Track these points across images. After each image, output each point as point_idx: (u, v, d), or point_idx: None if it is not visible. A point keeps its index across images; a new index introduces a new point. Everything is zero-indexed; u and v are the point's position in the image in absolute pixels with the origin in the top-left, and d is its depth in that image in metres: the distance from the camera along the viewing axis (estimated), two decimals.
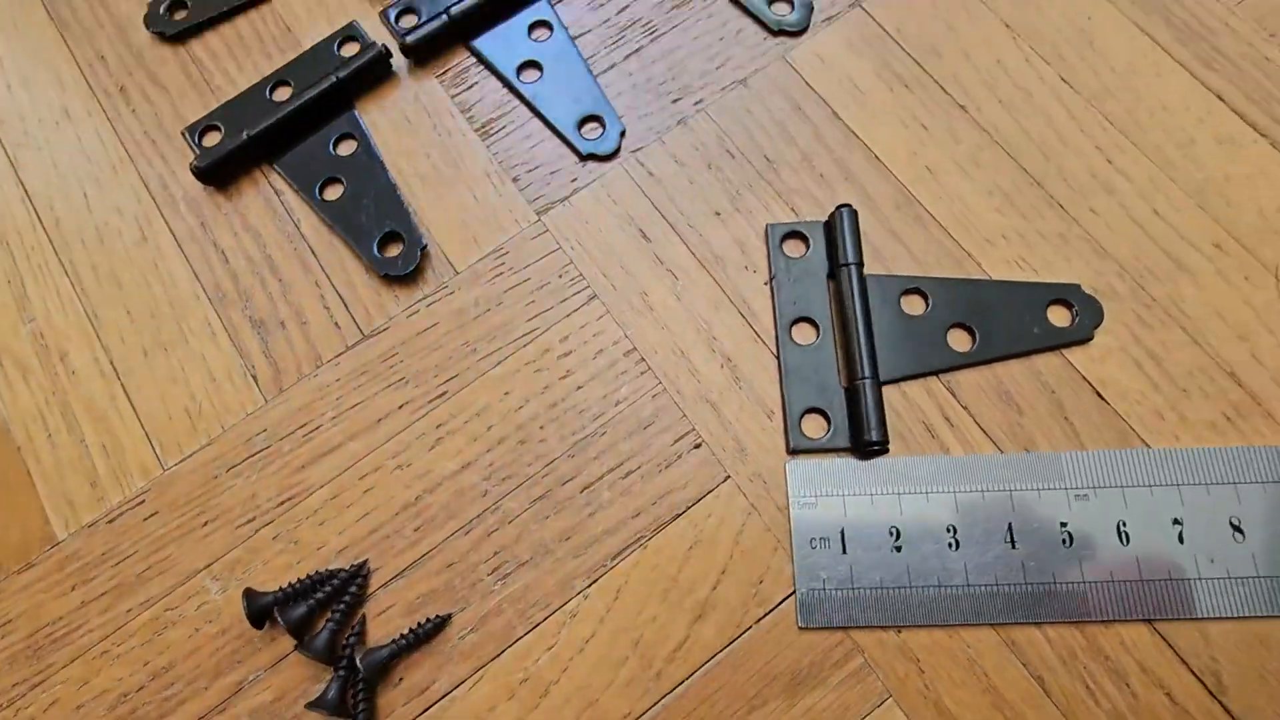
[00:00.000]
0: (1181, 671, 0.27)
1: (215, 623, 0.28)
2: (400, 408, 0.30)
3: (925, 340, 0.30)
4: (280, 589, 0.28)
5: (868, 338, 0.30)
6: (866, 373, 0.29)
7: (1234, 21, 0.35)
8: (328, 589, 0.28)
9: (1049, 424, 0.29)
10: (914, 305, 0.31)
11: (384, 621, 0.28)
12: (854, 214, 0.31)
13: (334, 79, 0.34)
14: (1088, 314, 0.30)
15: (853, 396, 0.29)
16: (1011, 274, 0.31)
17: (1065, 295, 0.31)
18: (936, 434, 0.29)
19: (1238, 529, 0.28)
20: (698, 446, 0.29)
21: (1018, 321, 0.30)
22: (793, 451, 0.29)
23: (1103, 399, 0.30)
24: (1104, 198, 0.32)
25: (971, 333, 0.30)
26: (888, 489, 0.29)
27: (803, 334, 0.31)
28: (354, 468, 0.30)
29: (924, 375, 0.30)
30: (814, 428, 0.29)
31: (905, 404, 0.30)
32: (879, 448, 0.29)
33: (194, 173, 0.33)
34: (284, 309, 0.32)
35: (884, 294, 0.31)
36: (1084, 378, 0.30)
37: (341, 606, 0.27)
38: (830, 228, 0.31)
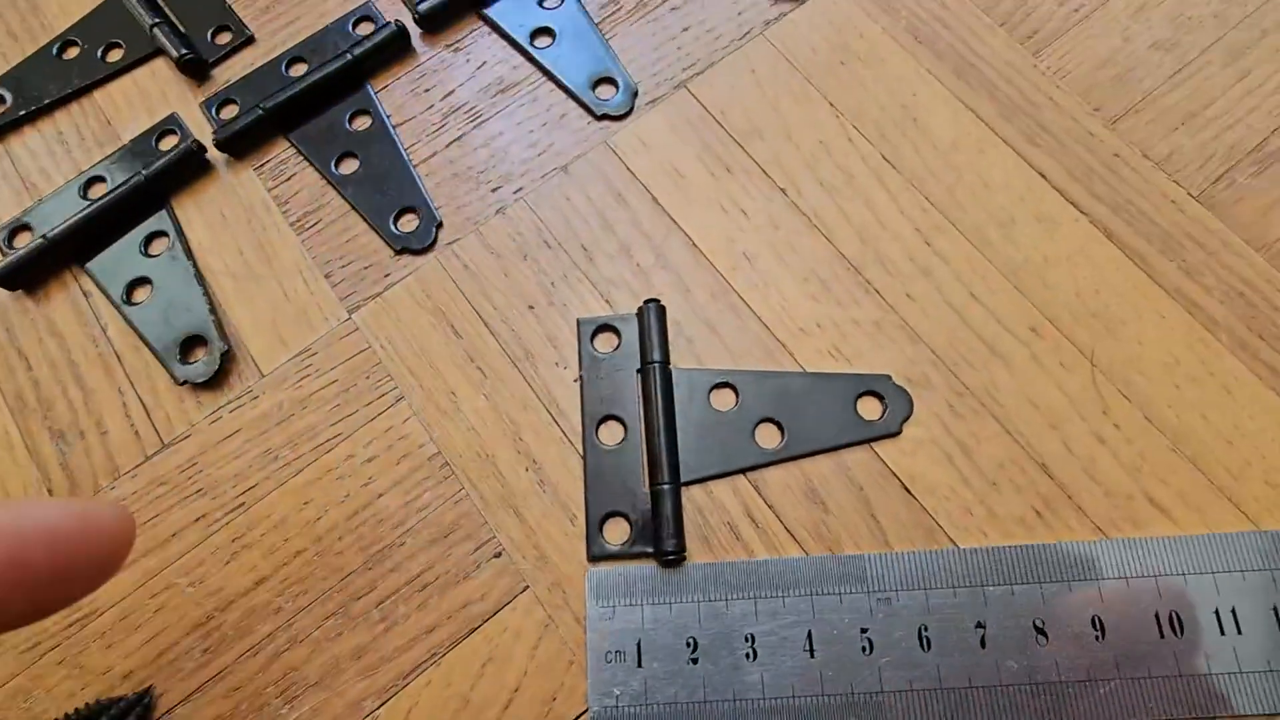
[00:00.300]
0: None
1: None
2: (196, 521, 0.30)
3: (733, 437, 0.30)
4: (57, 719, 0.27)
5: (669, 440, 0.29)
6: (667, 478, 0.29)
7: (1058, 96, 0.34)
8: (106, 719, 0.27)
9: (855, 523, 0.29)
10: (724, 400, 0.30)
11: None
12: (661, 310, 0.31)
13: (142, 176, 0.33)
14: (897, 406, 0.30)
15: (655, 501, 0.29)
16: (824, 364, 0.31)
17: (875, 387, 0.30)
18: (740, 535, 0.29)
19: (1041, 631, 0.27)
20: (498, 555, 0.29)
21: (827, 415, 0.30)
22: (593, 558, 0.29)
23: (911, 495, 0.29)
24: (921, 282, 0.32)
25: (781, 428, 0.30)
26: (687, 597, 0.28)
27: (610, 433, 0.30)
28: (145, 586, 0.29)
29: (730, 474, 0.29)
30: (615, 533, 0.29)
31: (710, 504, 0.29)
32: (676, 557, 0.28)
33: None
34: (85, 418, 0.31)
35: (693, 388, 0.30)
36: (893, 472, 0.29)
37: None
38: (640, 323, 0.31)
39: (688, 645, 0.27)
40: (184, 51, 0.35)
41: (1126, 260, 0.32)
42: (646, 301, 0.31)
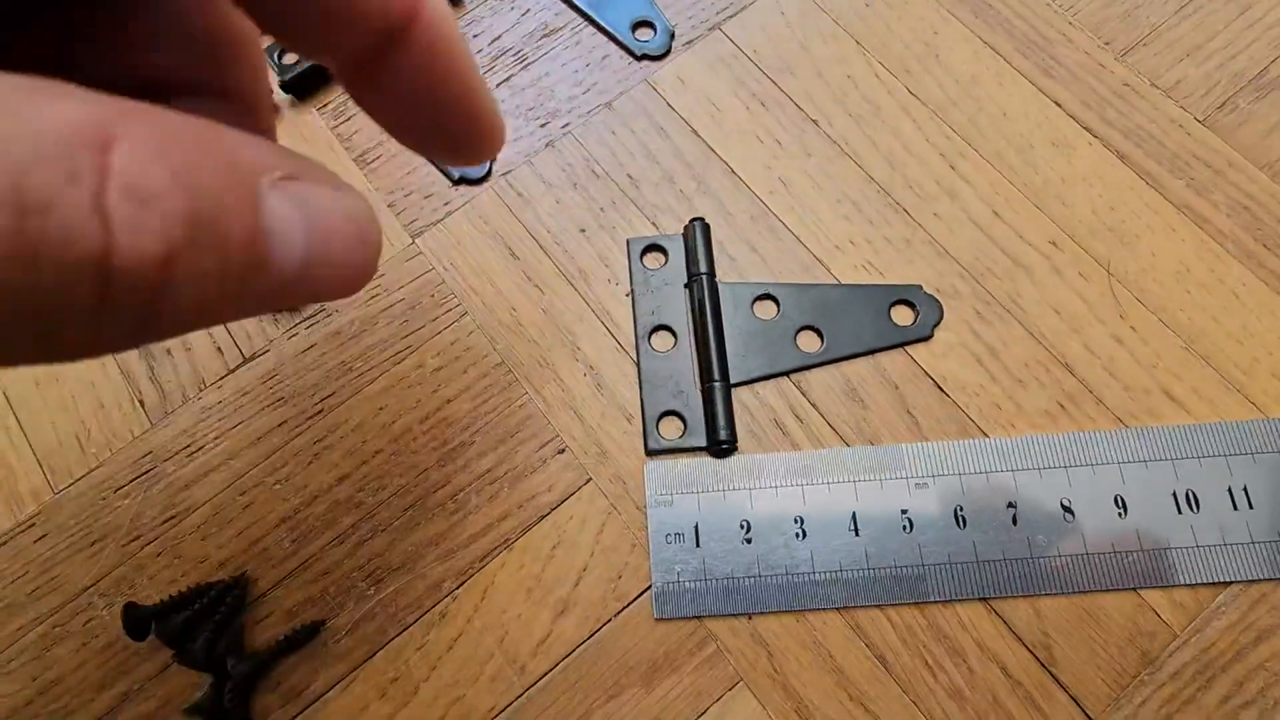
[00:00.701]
0: (1015, 646, 0.28)
1: (102, 637, 0.29)
2: (279, 426, 0.32)
3: (776, 343, 0.32)
4: (159, 602, 0.29)
5: (719, 344, 0.31)
6: (717, 376, 0.31)
7: (1070, 31, 0.37)
8: (206, 600, 0.29)
9: (892, 418, 0.31)
10: (766, 310, 0.32)
11: (264, 629, 0.29)
12: (706, 227, 0.33)
13: None
14: (929, 312, 0.32)
15: (706, 399, 0.31)
16: (858, 278, 0.33)
17: (908, 296, 0.32)
18: (787, 431, 0.31)
19: (1067, 510, 0.29)
20: (561, 452, 0.31)
21: (863, 322, 0.32)
22: (650, 453, 0.31)
23: (944, 392, 0.31)
24: (946, 202, 0.34)
25: (820, 334, 0.32)
26: (739, 485, 0.30)
27: (661, 341, 0.32)
28: (234, 485, 0.31)
29: (774, 376, 0.32)
30: (670, 430, 0.31)
31: (758, 403, 0.31)
32: (729, 446, 0.30)
33: None
34: None
35: (737, 301, 0.32)
36: (926, 372, 0.32)
37: (218, 616, 0.29)
38: (685, 240, 0.33)
39: (741, 527, 0.30)
40: None
41: (1138, 179, 0.34)
42: (692, 220, 0.33)
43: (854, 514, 0.30)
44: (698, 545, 0.29)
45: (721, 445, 0.30)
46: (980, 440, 0.31)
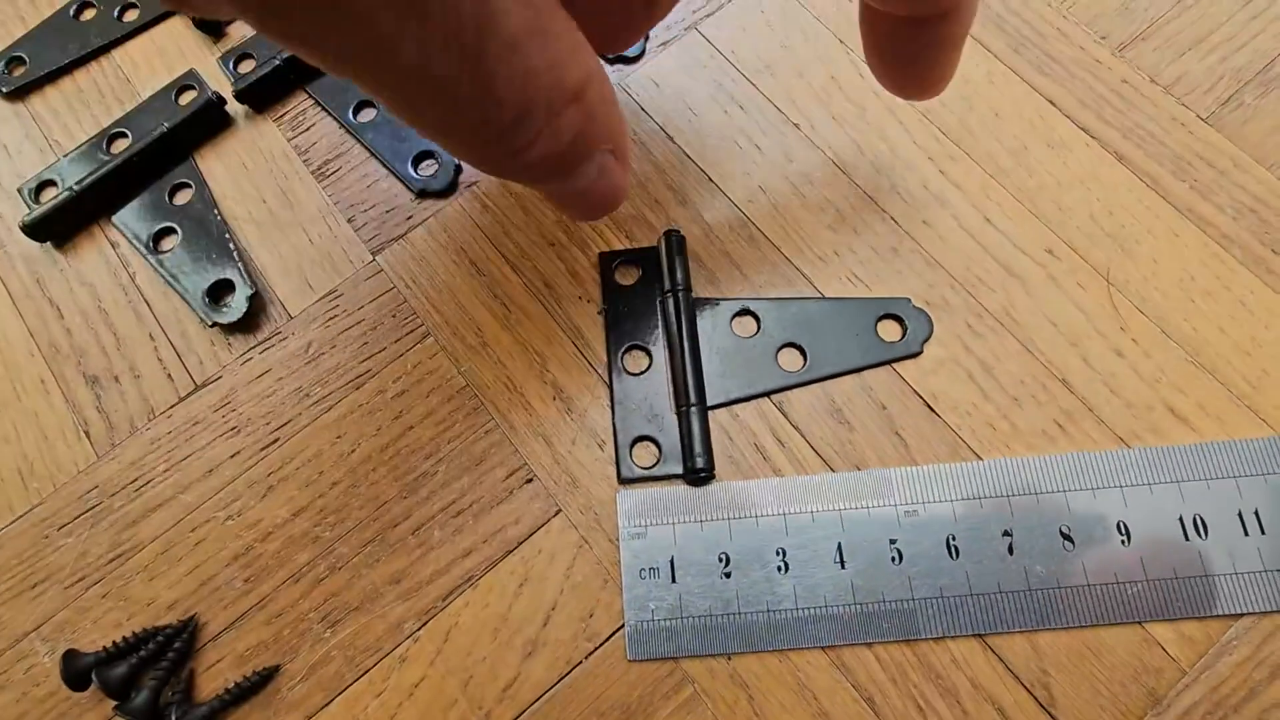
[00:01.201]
0: (1013, 685, 0.26)
1: (43, 685, 0.28)
2: (232, 457, 0.30)
3: (756, 361, 0.30)
4: (103, 649, 0.27)
5: (694, 364, 0.30)
6: (693, 399, 0.29)
7: (1065, 26, 0.35)
8: (151, 646, 0.27)
9: (880, 440, 0.29)
10: (746, 327, 0.31)
11: (214, 675, 0.28)
12: (681, 239, 0.31)
13: (165, 128, 0.33)
14: (918, 327, 0.30)
15: (682, 423, 0.29)
16: (844, 291, 0.31)
17: (894, 310, 0.31)
18: (768, 456, 0.29)
19: (1067, 538, 0.28)
20: (529, 481, 0.29)
21: (848, 338, 0.30)
22: (623, 481, 0.29)
23: (934, 412, 0.29)
24: (936, 209, 0.32)
25: (803, 352, 0.30)
26: (717, 514, 0.28)
27: (635, 362, 0.31)
28: (185, 520, 0.29)
29: (754, 397, 0.30)
30: (645, 456, 0.29)
31: (736, 426, 0.30)
32: (706, 475, 0.28)
33: (24, 230, 0.32)
34: (118, 363, 0.32)
35: (715, 317, 0.31)
36: (915, 391, 0.30)
37: (165, 663, 0.27)
38: (660, 252, 0.31)
39: (720, 560, 0.28)
40: None
41: (1138, 182, 0.32)
42: (666, 232, 0.31)
43: (839, 544, 0.28)
44: (673, 580, 0.28)
45: (699, 474, 0.28)
46: (973, 463, 0.29)
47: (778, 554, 0.28)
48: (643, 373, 0.30)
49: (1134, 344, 0.30)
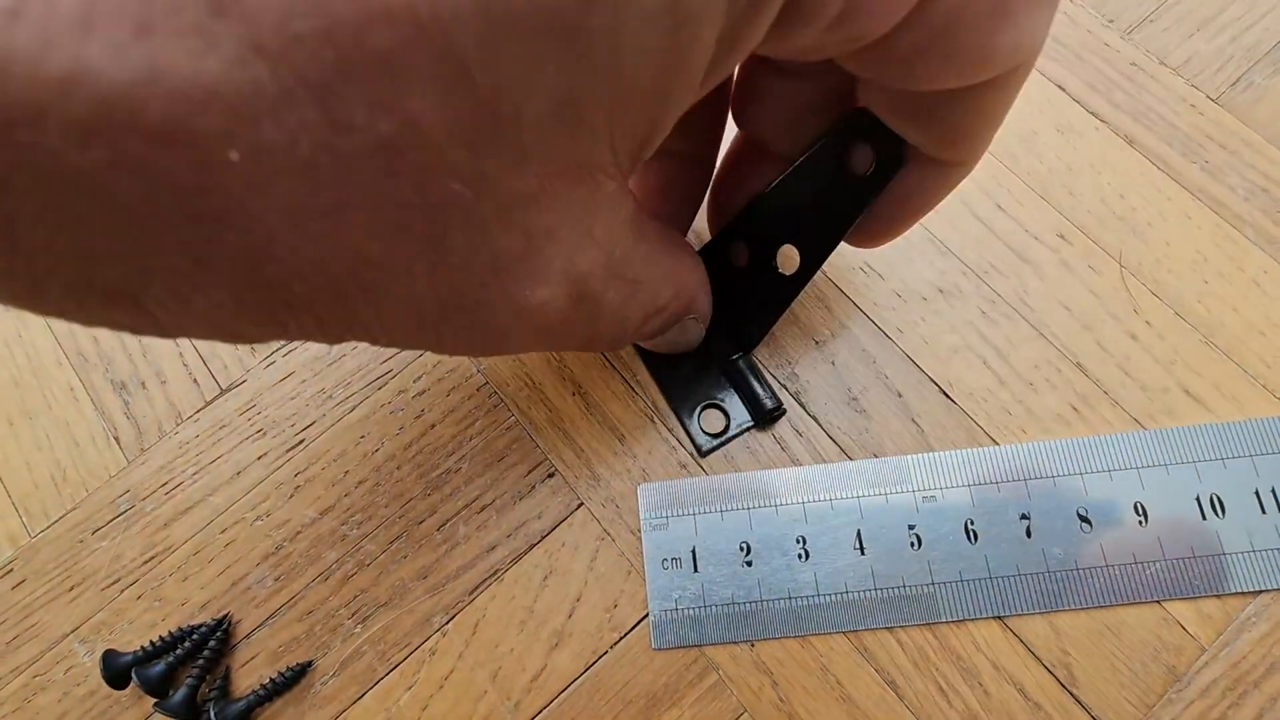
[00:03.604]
0: (1033, 666, 0.27)
1: (83, 685, 0.29)
2: (259, 459, 0.31)
3: (760, 283, 0.28)
4: (140, 648, 0.28)
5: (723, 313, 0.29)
6: (735, 350, 0.30)
7: (1072, 10, 0.35)
8: (187, 645, 0.28)
9: (896, 428, 0.30)
10: (739, 255, 0.29)
11: (248, 672, 0.28)
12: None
13: None
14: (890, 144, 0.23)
15: (733, 376, 0.30)
16: (854, 279, 0.31)
17: (856, 128, 0.23)
18: (786, 446, 0.30)
19: (1084, 520, 0.28)
20: (551, 476, 0.30)
21: (829, 200, 0.25)
22: (703, 453, 0.29)
23: (949, 399, 0.30)
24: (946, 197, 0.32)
25: (797, 246, 0.27)
26: (738, 505, 0.29)
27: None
28: (214, 522, 0.30)
29: (776, 319, 0.29)
30: (712, 422, 0.30)
31: None
32: (779, 411, 0.29)
33: None
34: (145, 369, 0.32)
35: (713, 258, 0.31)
36: (930, 378, 0.30)
37: (201, 661, 0.28)
38: None
39: (741, 550, 0.28)
40: None
41: (1149, 165, 0.32)
42: None
43: (859, 531, 0.28)
44: (695, 570, 0.28)
45: (773, 413, 0.29)
46: (990, 448, 0.29)
47: (798, 542, 0.28)
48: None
49: (1148, 326, 0.30)
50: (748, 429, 0.30)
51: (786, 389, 0.30)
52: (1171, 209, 0.32)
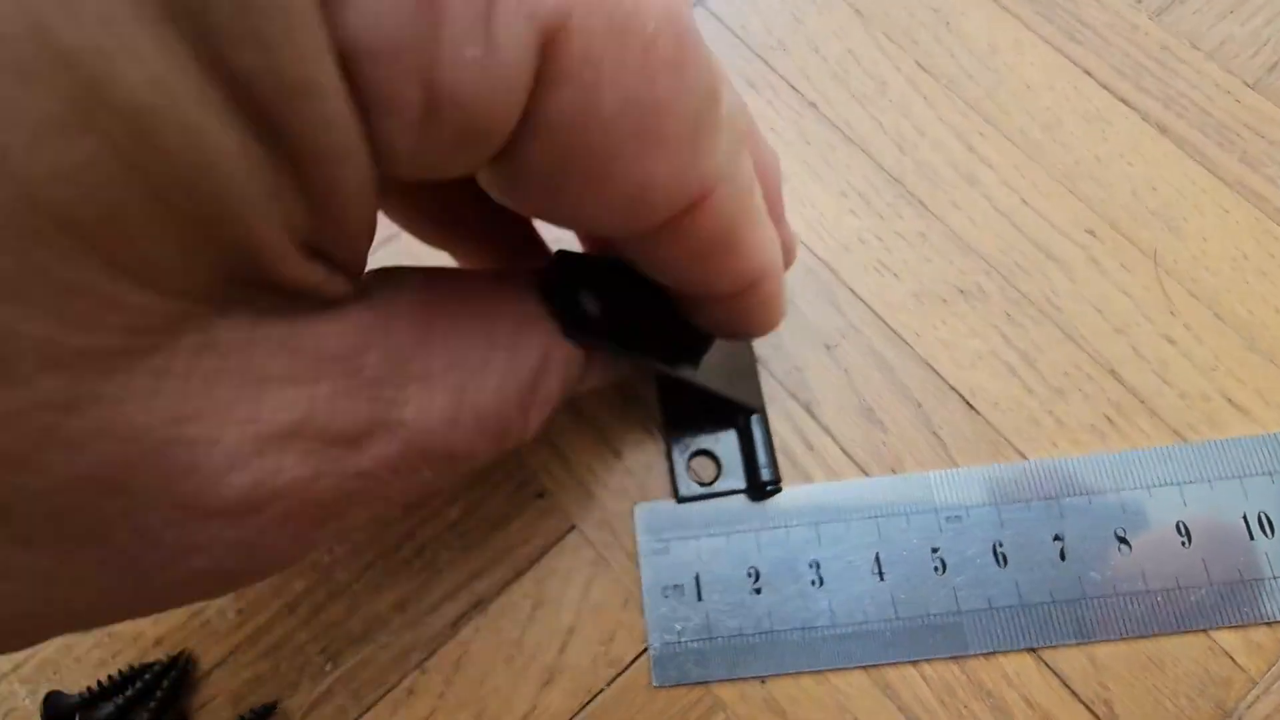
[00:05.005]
0: (1070, 702, 0.24)
1: None
2: None
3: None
4: (87, 689, 0.25)
5: None
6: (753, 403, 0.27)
7: None
8: (140, 684, 0.25)
9: (916, 441, 0.27)
10: None
11: (208, 714, 0.26)
12: None
13: None
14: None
15: (741, 433, 0.27)
16: (869, 280, 0.29)
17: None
18: (796, 461, 0.27)
19: (1123, 541, 0.26)
20: (540, 495, 0.27)
21: None
22: (681, 499, 0.27)
23: (973, 409, 0.27)
24: (966, 190, 0.30)
25: None
26: (745, 526, 0.26)
27: None
28: None
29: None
30: (703, 470, 0.27)
31: None
32: (773, 487, 0.26)
33: None
34: None
35: None
36: (951, 387, 0.28)
37: (154, 704, 0.25)
38: None
39: (749, 576, 0.26)
40: None
41: (1183, 155, 0.30)
42: None
43: (877, 555, 0.26)
44: (699, 599, 0.26)
45: (766, 486, 0.26)
46: (1018, 463, 0.27)
47: (811, 567, 0.26)
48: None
49: (1186, 329, 0.28)
50: (737, 493, 0.27)
51: (796, 398, 0.28)
52: (1208, 202, 0.29)
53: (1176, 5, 0.32)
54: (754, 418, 0.27)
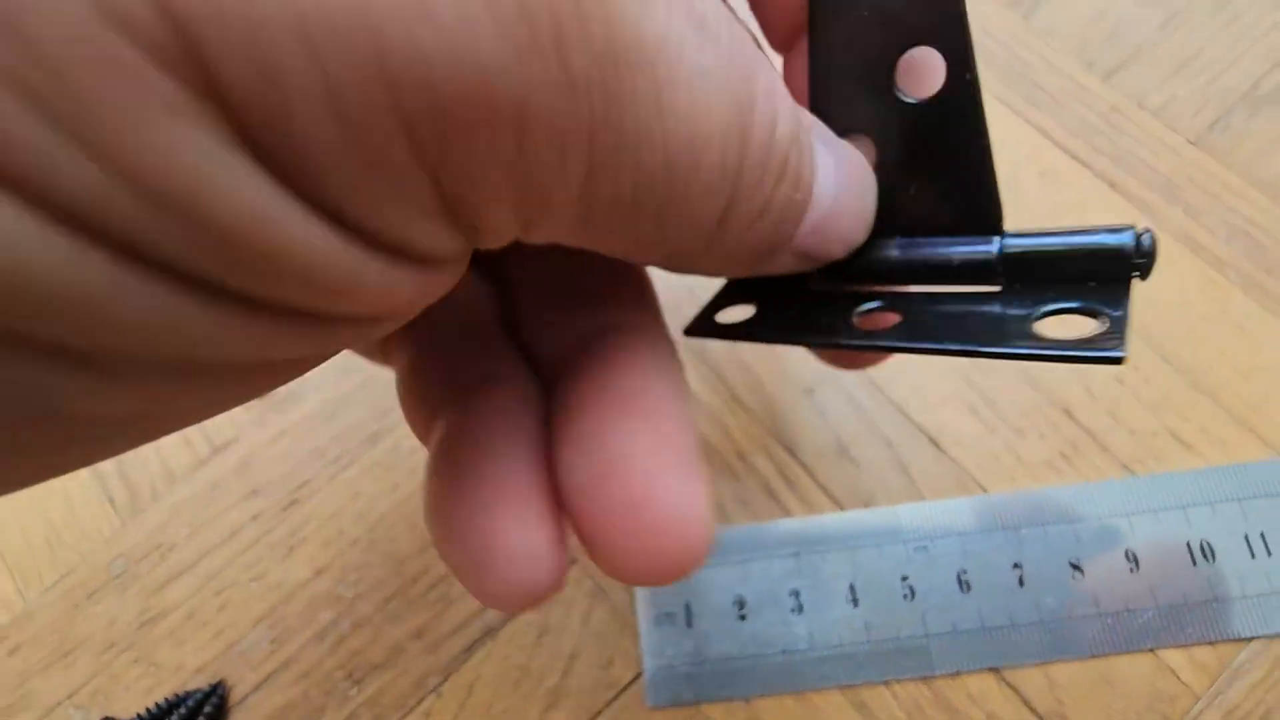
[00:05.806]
0: (1029, 718, 0.27)
1: None
2: (253, 519, 0.31)
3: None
4: (136, 715, 0.28)
5: None
6: None
7: (1051, 55, 0.35)
8: (182, 711, 0.28)
9: (888, 477, 0.30)
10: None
11: None
12: None
13: None
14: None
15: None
16: None
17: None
18: (777, 497, 0.30)
19: (1076, 568, 0.28)
20: None
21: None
22: (688, 331, 0.22)
23: (938, 448, 0.30)
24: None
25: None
26: (731, 557, 0.29)
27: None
28: (210, 584, 0.30)
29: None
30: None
31: (745, 468, 0.30)
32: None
33: None
34: None
35: None
36: (920, 428, 0.30)
37: None
38: None
39: (735, 604, 0.28)
40: None
41: (1131, 208, 0.33)
42: None
43: (852, 584, 0.28)
44: (690, 625, 0.28)
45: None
46: (980, 497, 0.29)
47: (792, 595, 0.28)
48: None
49: (1135, 371, 0.30)
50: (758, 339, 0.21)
51: (778, 439, 0.30)
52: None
53: (1124, 68, 0.35)
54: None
